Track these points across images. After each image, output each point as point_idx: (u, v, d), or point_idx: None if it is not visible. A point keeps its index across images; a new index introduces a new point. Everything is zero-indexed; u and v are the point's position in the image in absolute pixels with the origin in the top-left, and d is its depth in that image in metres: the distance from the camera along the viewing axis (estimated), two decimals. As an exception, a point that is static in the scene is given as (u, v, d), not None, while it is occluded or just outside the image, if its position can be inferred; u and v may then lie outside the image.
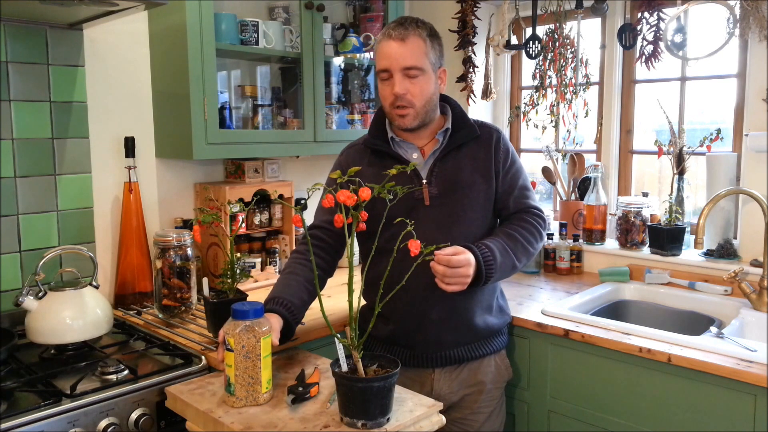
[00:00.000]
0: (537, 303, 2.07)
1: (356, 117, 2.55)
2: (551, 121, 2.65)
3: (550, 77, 2.61)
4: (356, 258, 2.21)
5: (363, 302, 1.61)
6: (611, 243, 2.48)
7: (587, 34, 2.57)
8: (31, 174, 1.88)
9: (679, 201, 2.32)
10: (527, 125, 2.74)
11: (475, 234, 1.67)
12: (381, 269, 1.38)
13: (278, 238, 2.37)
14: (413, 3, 2.90)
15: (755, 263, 2.08)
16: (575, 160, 2.62)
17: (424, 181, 1.67)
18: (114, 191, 2.06)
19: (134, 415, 1.42)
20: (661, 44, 2.25)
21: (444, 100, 1.76)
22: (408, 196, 1.32)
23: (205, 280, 1.75)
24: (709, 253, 2.21)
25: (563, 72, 2.57)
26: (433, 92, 1.67)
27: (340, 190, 1.21)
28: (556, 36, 2.55)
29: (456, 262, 1.50)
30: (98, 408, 1.37)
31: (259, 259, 2.29)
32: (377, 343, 1.75)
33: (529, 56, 2.61)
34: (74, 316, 1.61)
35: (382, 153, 1.72)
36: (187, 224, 2.16)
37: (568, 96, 2.58)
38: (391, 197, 1.26)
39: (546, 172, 2.73)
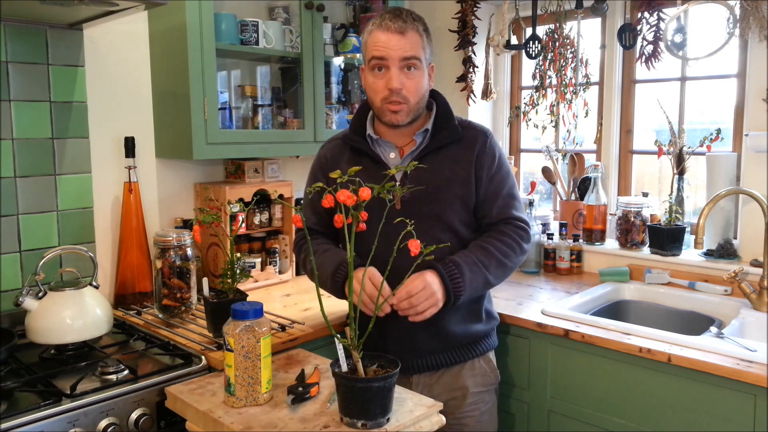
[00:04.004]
0: (537, 303, 2.07)
1: (356, 117, 2.55)
2: (551, 121, 2.65)
3: (550, 77, 2.61)
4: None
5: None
6: (611, 243, 2.48)
7: (587, 34, 2.57)
8: (31, 174, 1.88)
9: (679, 201, 2.32)
10: (527, 125, 2.74)
11: (448, 241, 1.55)
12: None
13: (278, 238, 2.37)
14: (413, 3, 2.90)
15: (755, 263, 2.08)
16: (575, 160, 2.62)
17: (398, 184, 1.59)
18: (114, 191, 2.06)
19: (134, 415, 1.42)
20: (661, 44, 2.25)
21: (432, 95, 1.70)
22: (380, 198, 1.25)
23: (205, 280, 1.75)
24: (709, 253, 2.21)
25: (563, 72, 2.57)
26: (426, 89, 1.63)
27: (340, 189, 1.21)
28: (556, 36, 2.55)
29: (414, 288, 1.46)
30: (98, 408, 1.37)
31: (259, 259, 2.29)
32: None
33: (529, 56, 2.61)
34: (74, 316, 1.61)
35: (361, 151, 1.68)
36: (187, 224, 2.16)
37: (568, 96, 2.58)
38: (391, 197, 1.25)
39: (546, 172, 2.73)
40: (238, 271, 1.69)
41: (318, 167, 1.78)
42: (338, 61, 2.48)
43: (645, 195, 2.45)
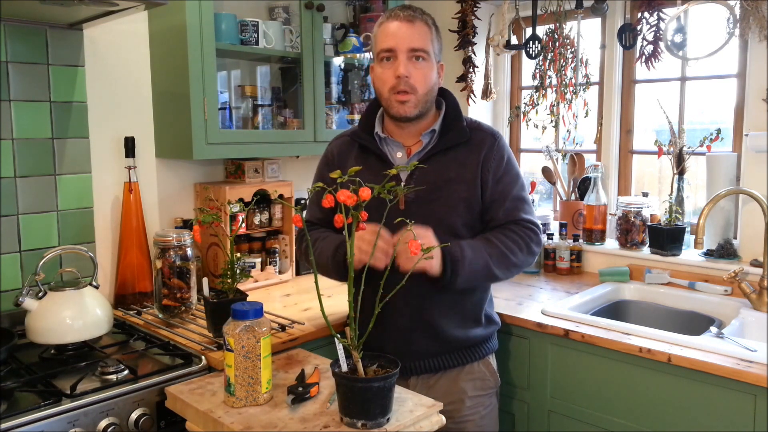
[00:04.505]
0: (537, 303, 2.07)
1: (356, 117, 2.54)
2: (551, 121, 2.65)
3: (550, 77, 2.61)
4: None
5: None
6: (611, 243, 2.48)
7: (587, 34, 2.58)
8: (31, 174, 1.88)
9: (679, 201, 2.32)
10: (527, 125, 2.74)
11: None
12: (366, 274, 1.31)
13: (278, 238, 2.37)
14: (414, 3, 2.90)
15: (755, 263, 2.08)
16: (575, 160, 2.62)
17: (402, 184, 1.59)
18: (114, 191, 2.06)
19: (134, 415, 1.42)
20: (661, 44, 2.25)
21: (441, 94, 1.69)
22: (383, 198, 1.24)
23: (205, 280, 1.75)
24: (709, 253, 2.21)
25: (563, 72, 2.57)
26: (434, 83, 1.61)
27: (340, 189, 1.21)
28: (556, 36, 2.55)
29: (417, 233, 1.40)
30: (98, 408, 1.37)
31: (259, 259, 2.29)
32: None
33: (529, 56, 2.61)
34: (74, 316, 1.61)
35: (368, 149, 1.67)
36: (187, 224, 2.16)
37: (568, 96, 2.58)
38: (392, 197, 1.25)
39: (546, 172, 2.73)
40: (238, 271, 1.69)
41: (324, 164, 1.78)
42: (338, 61, 2.48)
43: (645, 195, 2.45)
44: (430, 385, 1.67)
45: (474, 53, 2.76)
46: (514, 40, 2.67)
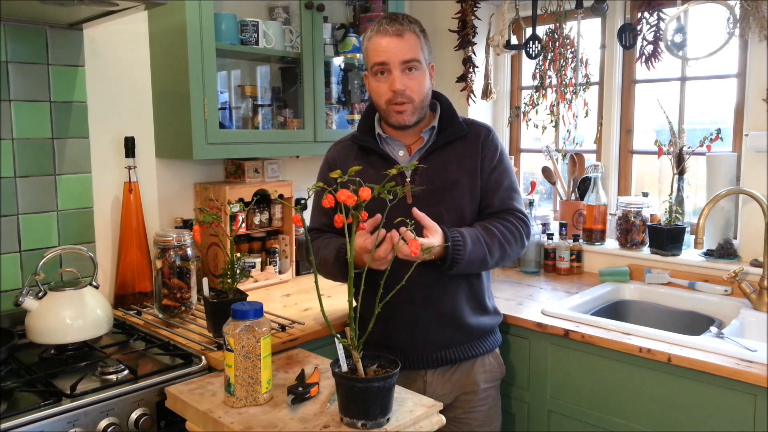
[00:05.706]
0: (537, 303, 2.07)
1: (356, 117, 2.54)
2: (551, 121, 2.65)
3: (550, 77, 2.61)
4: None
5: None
6: (611, 243, 2.48)
7: (587, 34, 2.57)
8: (31, 174, 1.88)
9: (679, 201, 2.32)
10: (527, 125, 2.74)
11: None
12: (368, 271, 1.34)
13: (278, 238, 2.37)
14: (413, 3, 2.90)
15: (755, 263, 2.08)
16: (575, 160, 2.62)
17: (408, 180, 1.66)
18: (114, 191, 2.06)
19: (134, 415, 1.42)
20: (661, 44, 2.25)
21: (434, 96, 1.74)
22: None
23: (205, 280, 1.75)
24: (709, 253, 2.21)
25: (563, 72, 2.57)
26: (428, 88, 1.67)
27: (340, 189, 1.21)
28: (556, 36, 2.55)
29: (430, 224, 1.49)
30: (98, 408, 1.37)
31: (259, 259, 2.29)
32: (367, 347, 1.71)
33: (529, 56, 2.61)
34: (74, 316, 1.61)
35: (369, 150, 1.71)
36: (187, 224, 2.16)
37: (568, 96, 2.58)
38: (392, 197, 1.25)
39: (546, 172, 2.73)
40: (238, 271, 1.69)
41: (327, 170, 1.79)
42: (338, 61, 2.48)
43: (645, 195, 2.45)
44: (445, 378, 1.71)
45: (474, 53, 2.75)
46: (514, 40, 2.67)
